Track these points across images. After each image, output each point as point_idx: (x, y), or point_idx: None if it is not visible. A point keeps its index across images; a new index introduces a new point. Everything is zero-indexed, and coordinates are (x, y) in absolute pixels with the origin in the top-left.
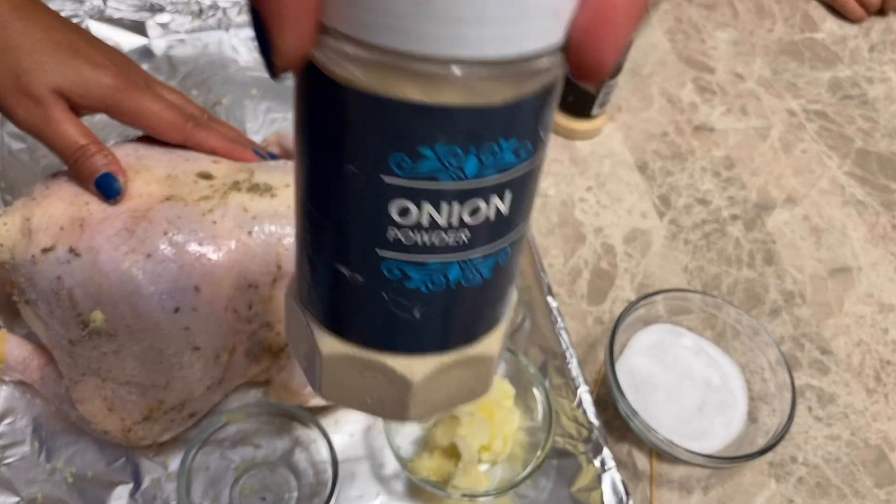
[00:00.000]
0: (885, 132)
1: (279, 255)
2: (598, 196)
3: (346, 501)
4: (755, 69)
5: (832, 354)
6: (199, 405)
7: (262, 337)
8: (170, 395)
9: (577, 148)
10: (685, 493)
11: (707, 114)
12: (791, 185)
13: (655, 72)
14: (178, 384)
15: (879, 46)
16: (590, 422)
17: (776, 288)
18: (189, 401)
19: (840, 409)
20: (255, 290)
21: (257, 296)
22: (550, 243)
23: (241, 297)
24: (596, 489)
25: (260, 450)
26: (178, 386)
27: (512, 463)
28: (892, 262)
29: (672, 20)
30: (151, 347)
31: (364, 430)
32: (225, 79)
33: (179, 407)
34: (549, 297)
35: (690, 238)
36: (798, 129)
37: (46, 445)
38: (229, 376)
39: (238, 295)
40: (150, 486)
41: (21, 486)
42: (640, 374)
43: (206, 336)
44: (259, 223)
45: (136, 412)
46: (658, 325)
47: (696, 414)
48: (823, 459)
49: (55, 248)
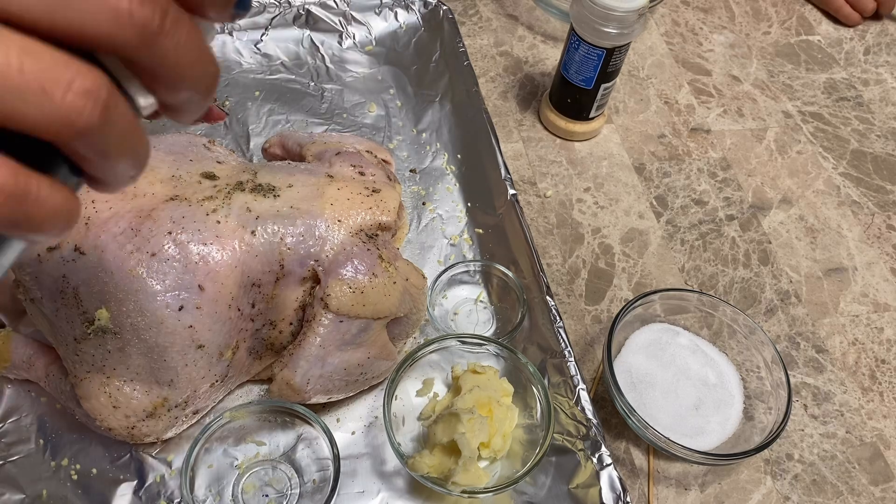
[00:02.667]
0: (879, 133)
1: (282, 255)
2: (595, 197)
3: (348, 498)
4: (751, 71)
5: (827, 353)
6: (202, 403)
7: (266, 335)
8: (174, 393)
9: (576, 149)
10: (682, 489)
11: (703, 115)
12: (787, 185)
13: (652, 74)
14: (182, 382)
15: (875, 49)
16: (588, 419)
17: (772, 287)
18: (193, 398)
19: (835, 408)
20: (258, 288)
21: (260, 294)
22: (549, 243)
23: (244, 295)
24: (594, 486)
25: (262, 447)
26: (183, 383)
27: (511, 460)
28: (887, 262)
29: (669, 23)
30: (156, 345)
31: (365, 427)
32: (228, 81)
33: (183, 404)
34: (548, 297)
35: (687, 238)
36: (794, 130)
37: (51, 443)
38: (232, 374)
39: (242, 293)
40: (153, 483)
41: (26, 484)
42: (638, 373)
43: (209, 334)
44: (262, 223)
45: (141, 409)
46: (655, 324)
47: (692, 412)
48: (819, 457)
49: (60, 246)
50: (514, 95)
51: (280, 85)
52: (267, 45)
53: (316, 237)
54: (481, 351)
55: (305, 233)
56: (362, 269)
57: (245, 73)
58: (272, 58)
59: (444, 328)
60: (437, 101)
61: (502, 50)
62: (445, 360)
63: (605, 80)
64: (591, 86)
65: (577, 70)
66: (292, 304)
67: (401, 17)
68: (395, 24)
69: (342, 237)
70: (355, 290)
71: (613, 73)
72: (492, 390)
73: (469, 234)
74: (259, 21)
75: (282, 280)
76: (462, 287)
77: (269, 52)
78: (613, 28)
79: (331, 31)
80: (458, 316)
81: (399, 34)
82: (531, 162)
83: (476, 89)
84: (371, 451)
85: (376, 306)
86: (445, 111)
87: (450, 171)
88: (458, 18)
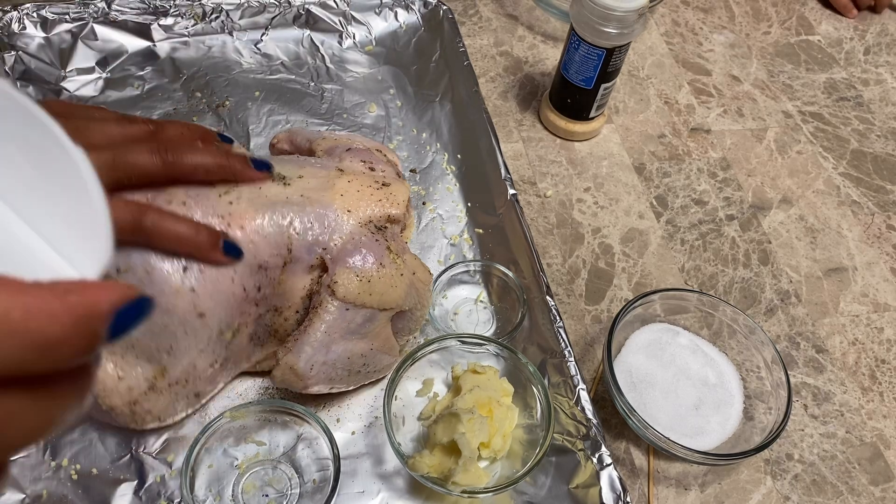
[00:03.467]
0: (880, 133)
1: (290, 239)
2: (595, 197)
3: (348, 498)
4: (751, 71)
5: (827, 353)
6: (202, 385)
7: (270, 321)
8: (174, 364)
9: (576, 149)
10: (682, 489)
11: (703, 115)
12: (787, 185)
13: (652, 74)
14: (181, 352)
15: (875, 48)
16: (588, 419)
17: (772, 287)
18: (193, 376)
19: (835, 408)
20: (265, 272)
21: (267, 278)
22: (549, 243)
23: (250, 275)
24: (594, 486)
25: (262, 447)
26: (182, 353)
27: (511, 460)
28: (887, 262)
29: (669, 23)
30: (158, 307)
31: (365, 427)
32: (228, 81)
33: (184, 381)
34: (548, 297)
35: (687, 238)
36: (794, 130)
37: (51, 443)
38: (233, 357)
39: (248, 273)
40: (153, 484)
41: (26, 484)
42: (638, 373)
43: (211, 303)
44: (272, 207)
45: (143, 380)
46: (655, 324)
47: (692, 412)
48: (819, 457)
49: None
50: (514, 95)
51: (280, 85)
52: (267, 45)
53: (325, 226)
54: (481, 351)
55: (315, 220)
56: (370, 259)
57: (245, 73)
58: (272, 58)
59: (444, 328)
60: (437, 101)
61: (502, 50)
62: (445, 360)
63: (605, 80)
64: (591, 86)
65: (577, 70)
66: (299, 291)
67: (401, 17)
68: (395, 24)
69: (351, 227)
70: (362, 278)
71: (613, 73)
72: (492, 390)
73: (469, 234)
74: (259, 21)
75: (289, 266)
76: (462, 287)
77: (269, 52)
78: (613, 28)
79: (331, 31)
80: (458, 316)
81: (399, 34)
82: (531, 162)
83: (476, 89)
84: (371, 451)
85: (382, 296)
86: (445, 111)
87: (450, 171)
88: (458, 18)
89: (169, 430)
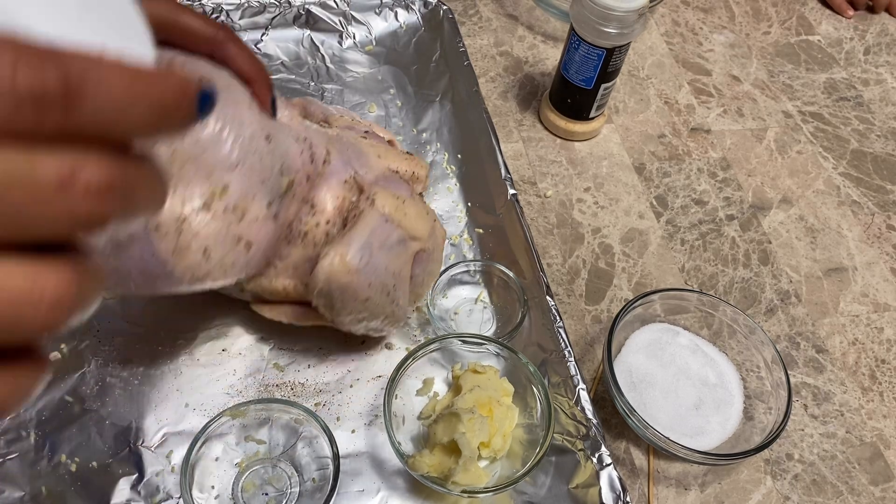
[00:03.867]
0: (879, 133)
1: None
2: (596, 197)
3: (348, 497)
4: (751, 71)
5: (827, 353)
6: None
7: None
8: (233, 183)
9: (576, 149)
10: (682, 489)
11: (703, 115)
12: (787, 185)
13: (653, 74)
14: (245, 173)
15: (875, 48)
16: (588, 419)
17: (772, 287)
18: (248, 211)
19: (835, 408)
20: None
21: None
22: (549, 243)
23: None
24: (594, 486)
25: (262, 445)
26: (246, 175)
27: (511, 460)
28: (887, 262)
29: (669, 23)
30: (231, 116)
31: (365, 426)
32: None
33: (240, 211)
34: (548, 297)
35: (687, 238)
36: (794, 130)
37: (50, 439)
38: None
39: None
40: (152, 479)
41: (25, 481)
42: (638, 373)
43: (277, 132)
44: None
45: (197, 197)
46: (655, 324)
47: (692, 411)
48: (819, 457)
49: None
50: (514, 95)
51: (280, 85)
52: (267, 45)
53: (360, 160)
54: (481, 351)
55: (352, 153)
56: (404, 188)
57: None
58: (272, 58)
59: (444, 328)
60: (437, 101)
61: (502, 50)
62: (446, 360)
63: (605, 80)
64: (591, 86)
65: (577, 70)
66: (332, 200)
67: (401, 17)
68: (395, 23)
69: (382, 168)
70: (398, 198)
71: (613, 73)
72: (492, 390)
73: (469, 234)
74: (259, 21)
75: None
76: (462, 287)
77: (270, 52)
78: (613, 28)
79: (331, 30)
80: (458, 316)
81: (399, 34)
82: (531, 162)
83: (476, 89)
84: (371, 450)
85: (415, 222)
86: (445, 111)
87: (450, 171)
88: (458, 18)
89: (168, 425)
